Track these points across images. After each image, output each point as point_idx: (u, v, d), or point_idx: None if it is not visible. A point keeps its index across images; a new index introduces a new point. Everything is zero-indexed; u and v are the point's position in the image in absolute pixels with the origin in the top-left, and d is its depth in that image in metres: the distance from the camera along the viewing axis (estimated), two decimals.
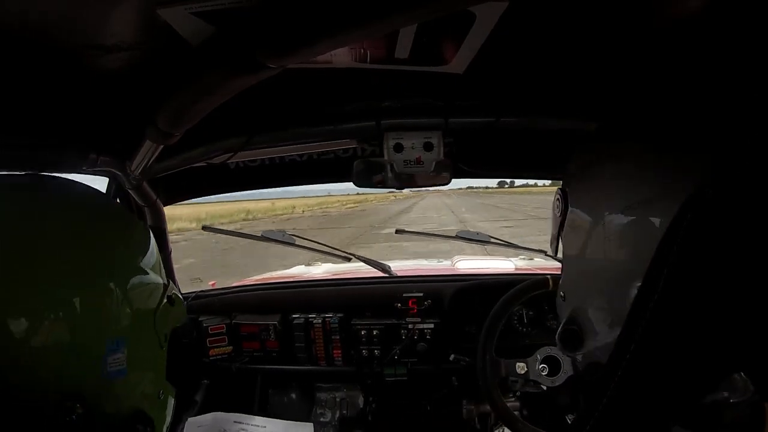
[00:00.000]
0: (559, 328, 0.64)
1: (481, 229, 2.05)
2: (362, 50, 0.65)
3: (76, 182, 0.76)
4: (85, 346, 0.63)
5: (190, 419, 1.36)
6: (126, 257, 0.71)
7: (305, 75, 0.69)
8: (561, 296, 0.67)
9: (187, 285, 1.87)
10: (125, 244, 0.73)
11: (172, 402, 0.81)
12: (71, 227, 0.67)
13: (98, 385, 0.65)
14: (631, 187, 0.53)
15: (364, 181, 1.07)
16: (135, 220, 0.81)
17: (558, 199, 0.65)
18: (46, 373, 0.60)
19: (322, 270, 2.34)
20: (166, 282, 0.78)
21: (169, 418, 0.80)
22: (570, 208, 0.63)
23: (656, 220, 0.49)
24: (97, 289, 0.65)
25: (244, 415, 1.38)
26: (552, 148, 1.25)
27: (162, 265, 0.80)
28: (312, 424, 1.38)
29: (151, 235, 0.79)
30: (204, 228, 1.84)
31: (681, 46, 0.63)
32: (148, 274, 0.73)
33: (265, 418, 1.39)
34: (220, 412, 1.40)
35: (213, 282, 2.42)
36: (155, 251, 0.78)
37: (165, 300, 0.75)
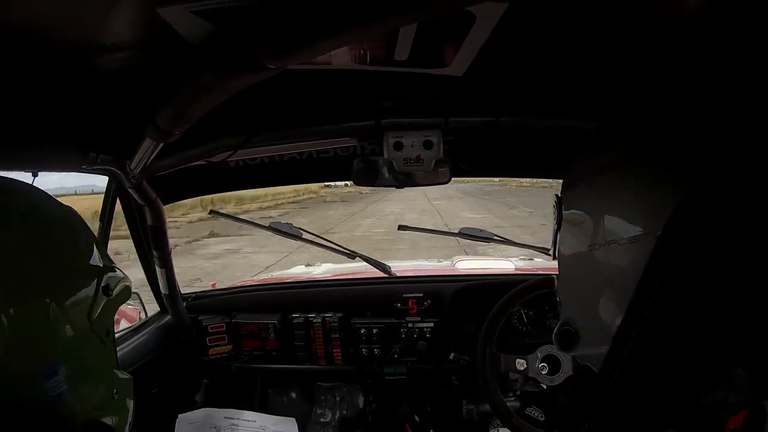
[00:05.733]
0: (556, 328, 0.65)
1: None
2: (362, 51, 0.65)
3: (7, 184, 0.67)
4: (19, 378, 0.58)
5: (181, 416, 1.36)
6: (54, 273, 0.64)
7: (305, 74, 0.69)
8: (558, 298, 0.67)
9: (187, 285, 1.87)
10: (56, 259, 0.65)
11: (130, 395, 0.76)
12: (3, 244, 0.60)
13: (44, 413, 0.60)
14: (631, 195, 0.52)
15: (363, 179, 1.07)
16: (72, 224, 0.71)
17: (554, 205, 0.66)
18: None
19: (321, 270, 2.34)
20: (101, 265, 0.70)
21: (130, 412, 0.75)
22: (570, 210, 0.63)
23: (654, 231, 0.48)
24: (21, 314, 0.59)
25: (234, 410, 1.38)
26: (552, 148, 1.25)
27: (104, 253, 0.72)
28: (294, 418, 1.39)
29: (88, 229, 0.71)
30: (211, 212, 1.85)
31: (680, 46, 0.63)
32: (79, 280, 0.66)
33: (254, 413, 1.40)
34: (211, 408, 1.40)
35: (213, 282, 2.43)
36: (93, 247, 0.71)
37: (100, 293, 0.68)
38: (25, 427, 0.58)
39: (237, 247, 10.60)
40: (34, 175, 0.77)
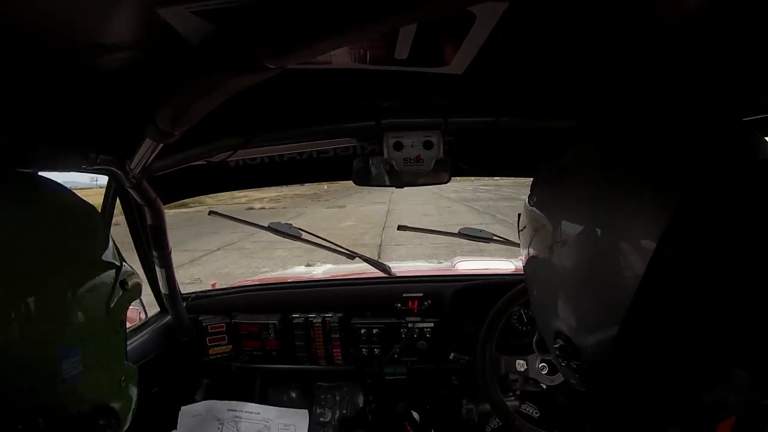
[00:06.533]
0: (536, 335, 0.65)
1: None
2: (362, 51, 0.65)
3: (40, 180, 0.73)
4: (38, 357, 0.62)
5: (183, 408, 1.36)
6: (78, 261, 0.69)
7: (305, 74, 0.69)
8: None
9: (187, 285, 1.87)
10: (80, 248, 0.70)
11: (135, 383, 0.81)
12: (26, 234, 0.64)
13: (57, 393, 0.63)
14: (604, 199, 0.52)
15: (363, 179, 1.07)
16: (94, 217, 0.77)
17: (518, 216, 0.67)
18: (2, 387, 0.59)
19: (321, 271, 2.34)
20: (119, 264, 0.76)
21: (134, 400, 0.80)
22: (532, 208, 0.63)
23: (631, 237, 0.48)
24: (46, 297, 0.62)
25: (237, 402, 1.39)
26: (552, 148, 1.25)
27: (116, 249, 0.77)
28: (307, 411, 1.39)
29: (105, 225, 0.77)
30: (210, 213, 1.86)
31: (680, 47, 0.63)
32: (101, 270, 0.72)
33: (258, 405, 1.40)
34: (213, 401, 1.40)
35: (213, 282, 2.43)
36: (110, 241, 0.76)
37: (118, 286, 0.74)
38: (40, 406, 0.61)
39: None
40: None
